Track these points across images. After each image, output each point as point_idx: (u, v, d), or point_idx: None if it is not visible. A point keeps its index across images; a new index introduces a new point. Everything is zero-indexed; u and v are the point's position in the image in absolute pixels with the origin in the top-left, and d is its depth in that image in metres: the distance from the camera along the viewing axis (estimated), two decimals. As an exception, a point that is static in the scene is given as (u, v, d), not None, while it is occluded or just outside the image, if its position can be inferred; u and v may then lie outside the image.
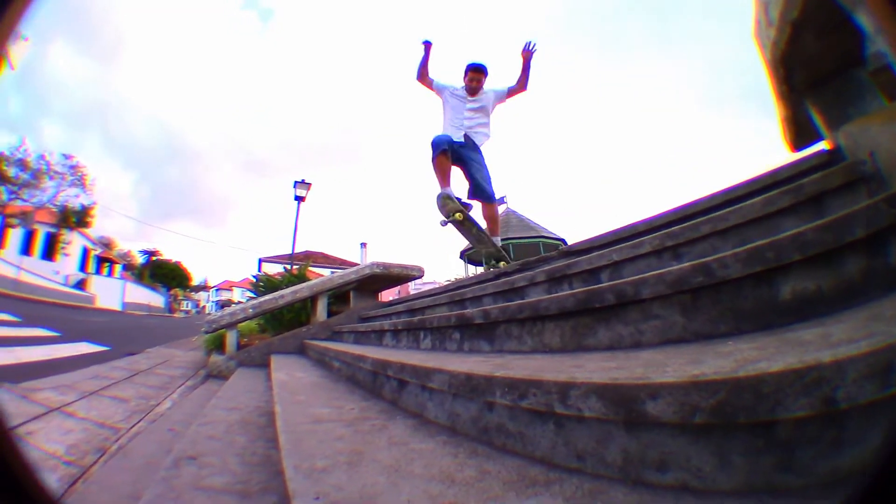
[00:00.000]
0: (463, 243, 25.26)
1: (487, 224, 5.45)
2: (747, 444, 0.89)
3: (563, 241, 21.57)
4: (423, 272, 8.47)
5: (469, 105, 5.39)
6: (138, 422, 4.25)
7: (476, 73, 5.38)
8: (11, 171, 32.81)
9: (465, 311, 2.92)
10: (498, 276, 4.27)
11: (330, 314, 7.76)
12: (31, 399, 4.25)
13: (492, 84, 5.54)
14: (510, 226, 23.31)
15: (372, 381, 2.92)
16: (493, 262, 5.48)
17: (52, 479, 2.78)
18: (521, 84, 5.44)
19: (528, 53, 5.15)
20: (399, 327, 3.92)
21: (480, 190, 5.33)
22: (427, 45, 5.30)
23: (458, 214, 5.17)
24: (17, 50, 29.79)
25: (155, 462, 3.19)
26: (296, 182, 18.23)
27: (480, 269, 24.69)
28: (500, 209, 26.16)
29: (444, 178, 5.32)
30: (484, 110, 5.45)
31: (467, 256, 24.47)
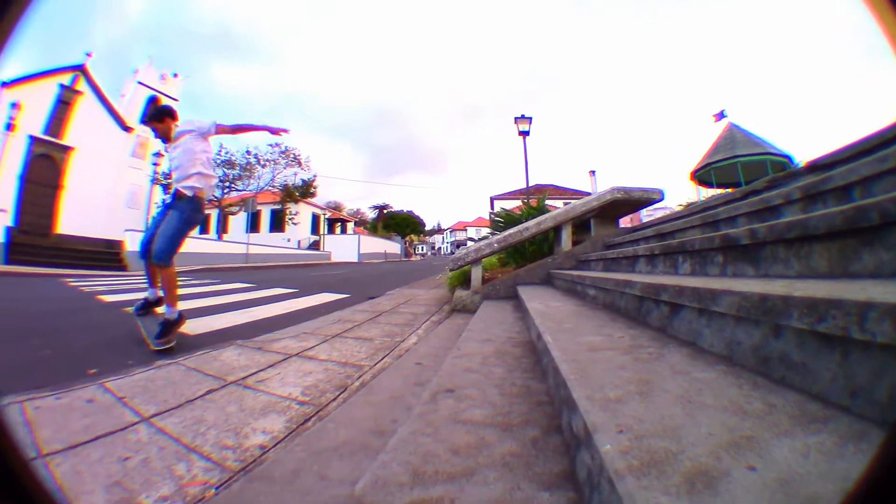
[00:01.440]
0: (694, 163, 24.24)
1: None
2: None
3: (789, 157, 23.54)
4: (663, 195, 8.89)
5: (170, 154, 5.26)
6: (383, 358, 4.53)
7: (152, 122, 5.24)
8: (218, 172, 41.84)
9: (730, 231, 3.02)
10: (746, 195, 4.55)
11: (572, 244, 8.68)
12: (267, 350, 4.87)
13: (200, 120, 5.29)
14: (735, 142, 25.43)
15: (637, 307, 3.15)
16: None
17: (279, 423, 2.97)
18: (236, 131, 5.29)
19: (271, 132, 5.53)
20: (656, 251, 4.18)
21: (152, 245, 4.99)
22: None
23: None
24: (171, 86, 38.85)
25: (400, 396, 3.32)
26: (516, 118, 20.44)
27: (711, 192, 23.27)
28: (722, 123, 27.13)
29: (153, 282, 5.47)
30: (188, 153, 5.07)
31: (698, 177, 23.15)
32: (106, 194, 31.36)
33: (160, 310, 5.35)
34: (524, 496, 1.50)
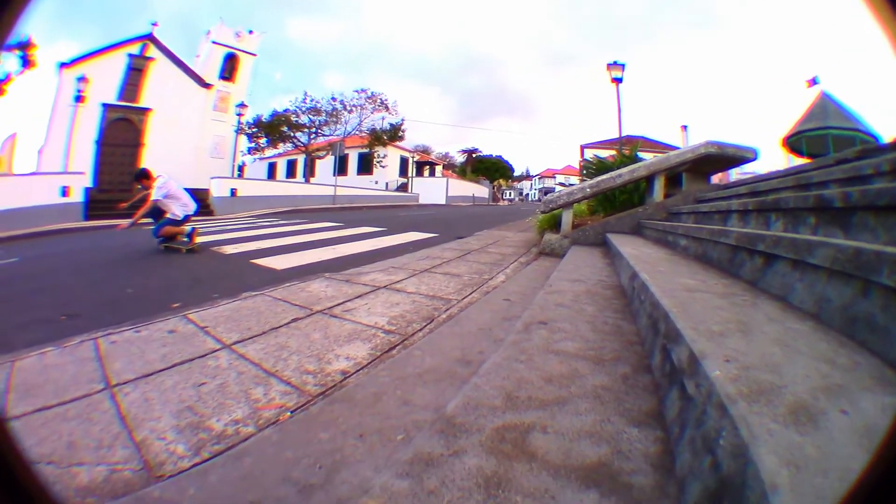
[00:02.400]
0: (784, 131, 23.33)
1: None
2: None
3: (877, 137, 22.06)
4: (757, 155, 8.82)
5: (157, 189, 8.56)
6: (470, 294, 4.46)
7: (137, 182, 9.16)
8: (304, 119, 43.68)
9: (824, 192, 3.09)
10: (838, 163, 4.64)
11: (663, 196, 8.76)
12: (355, 282, 4.95)
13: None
14: (827, 113, 26.85)
15: (729, 258, 3.25)
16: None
17: (363, 350, 2.96)
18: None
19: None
20: (749, 207, 4.26)
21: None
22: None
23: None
24: (247, 42, 39.47)
25: (488, 329, 3.24)
26: (608, 64, 20.15)
27: (801, 161, 22.31)
28: (815, 90, 26.26)
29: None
30: (164, 202, 8.57)
31: (789, 144, 22.23)
32: (189, 147, 33.32)
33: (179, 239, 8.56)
34: (614, 430, 1.56)
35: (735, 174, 24.42)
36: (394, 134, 45.79)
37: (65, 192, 20.87)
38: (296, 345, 2.98)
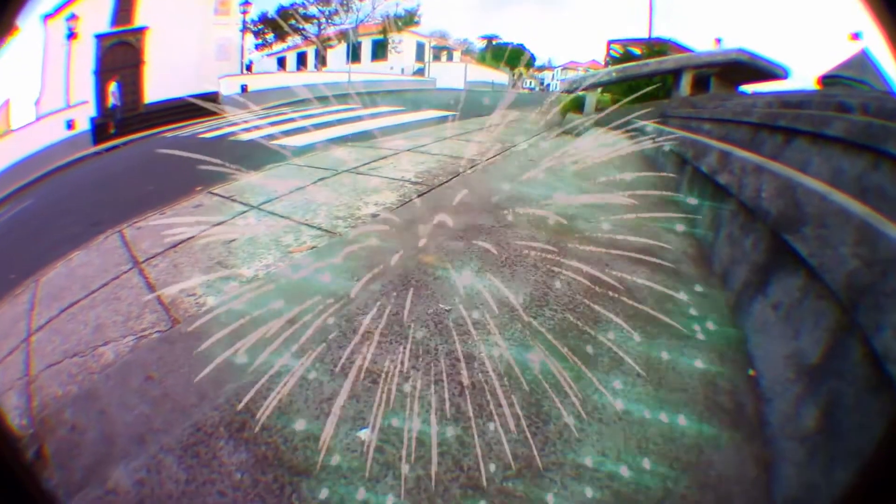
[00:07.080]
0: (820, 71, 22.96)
1: None
2: None
3: None
4: (788, 73, 8.78)
5: None
6: (493, 156, 4.53)
7: None
8: (313, 10, 36.74)
9: (845, 100, 3.28)
10: None
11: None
12: (378, 147, 5.01)
13: None
14: (865, 69, 19.37)
15: (751, 139, 3.38)
16: None
17: (392, 197, 3.02)
18: None
19: None
20: (774, 107, 4.11)
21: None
22: None
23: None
24: None
25: (514, 176, 3.37)
26: None
27: None
28: (857, 45, 23.78)
29: None
30: None
31: (825, 84, 21.49)
32: (192, 55, 32.05)
33: None
34: (659, 228, 1.83)
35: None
36: (409, 19, 44.65)
37: (70, 125, 21.10)
38: (323, 198, 3.03)
